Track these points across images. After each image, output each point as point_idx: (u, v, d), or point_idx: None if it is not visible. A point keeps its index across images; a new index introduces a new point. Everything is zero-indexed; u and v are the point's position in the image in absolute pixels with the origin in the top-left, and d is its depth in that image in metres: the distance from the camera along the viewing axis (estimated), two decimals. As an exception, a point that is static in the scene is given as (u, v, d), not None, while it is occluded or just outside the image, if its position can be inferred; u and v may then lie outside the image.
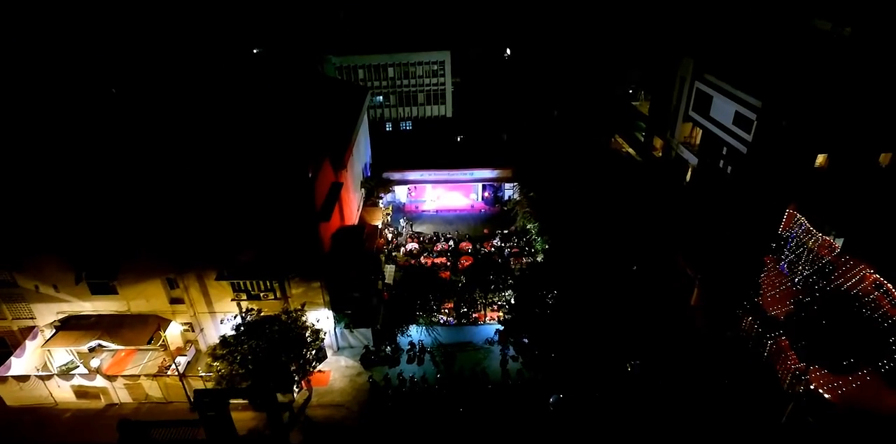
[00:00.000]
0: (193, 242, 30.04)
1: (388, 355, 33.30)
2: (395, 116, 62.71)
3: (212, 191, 28.55)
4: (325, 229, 31.63)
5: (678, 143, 43.91)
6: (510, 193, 50.70)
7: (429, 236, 45.67)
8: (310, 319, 32.35)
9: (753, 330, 31.57)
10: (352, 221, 39.75)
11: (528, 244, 42.71)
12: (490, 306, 35.46)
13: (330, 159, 33.84)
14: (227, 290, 31.97)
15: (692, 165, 42.76)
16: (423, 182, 49.60)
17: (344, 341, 34.67)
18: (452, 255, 42.87)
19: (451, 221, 48.76)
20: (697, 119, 41.23)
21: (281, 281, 31.74)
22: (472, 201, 51.31)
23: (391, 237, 45.10)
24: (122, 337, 31.33)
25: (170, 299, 32.63)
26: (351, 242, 34.62)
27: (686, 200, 42.53)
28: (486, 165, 48.77)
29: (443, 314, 35.49)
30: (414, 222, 48.35)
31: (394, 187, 50.07)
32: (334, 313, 33.25)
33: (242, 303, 32.28)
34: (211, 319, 33.46)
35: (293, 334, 30.00)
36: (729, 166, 38.31)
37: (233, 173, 28.28)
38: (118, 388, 30.61)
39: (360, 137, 43.83)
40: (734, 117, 36.86)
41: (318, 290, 32.25)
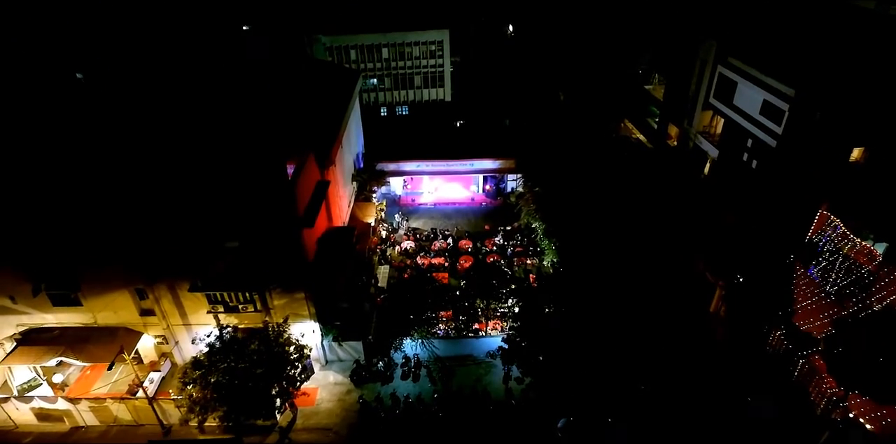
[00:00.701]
0: (162, 250, 26.96)
1: (380, 371, 30.46)
2: (390, 99, 58.98)
3: (180, 194, 25.32)
4: (310, 234, 28.52)
5: (696, 132, 40.45)
6: (513, 185, 47.39)
7: (426, 233, 42.53)
8: (294, 333, 29.53)
9: (782, 346, 28.66)
10: (341, 219, 36.58)
11: (532, 243, 39.60)
12: (493, 312, 32.41)
13: (315, 155, 30.49)
14: (202, 301, 29.02)
15: (711, 158, 39.38)
16: (420, 173, 46.27)
17: (333, 354, 31.83)
18: (451, 255, 39.81)
19: (450, 215, 45.57)
20: (719, 107, 37.70)
21: (261, 292, 28.76)
22: (473, 194, 48.04)
23: (385, 234, 41.96)
24: (87, 353, 28.48)
25: (140, 311, 29.69)
26: (340, 247, 31.49)
27: (704, 196, 39.22)
28: (487, 155, 45.40)
29: (441, 325, 32.51)
30: (410, 216, 45.15)
31: (388, 179, 46.73)
32: (321, 325, 30.33)
33: (220, 316, 29.42)
34: (186, 331, 30.59)
35: (275, 351, 27.21)
36: (754, 160, 34.96)
37: (203, 175, 25.00)
38: (83, 411, 27.87)
39: (350, 127, 40.36)
40: (762, 107, 33.35)
41: (302, 301, 29.28)
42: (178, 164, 24.96)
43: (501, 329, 32.48)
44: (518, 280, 35.43)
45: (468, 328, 31.74)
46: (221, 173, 24.84)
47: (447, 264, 38.69)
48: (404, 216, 44.40)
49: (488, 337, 31.92)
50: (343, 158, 37.88)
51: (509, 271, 37.55)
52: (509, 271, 37.02)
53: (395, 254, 40.53)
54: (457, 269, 38.40)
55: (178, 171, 24.91)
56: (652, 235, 34.55)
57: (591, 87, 59.30)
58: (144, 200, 25.35)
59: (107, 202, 25.43)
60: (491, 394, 28.96)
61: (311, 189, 29.55)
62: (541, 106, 61.27)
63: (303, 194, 27.87)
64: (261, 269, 27.86)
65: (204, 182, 24.99)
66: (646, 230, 34.64)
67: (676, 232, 35.17)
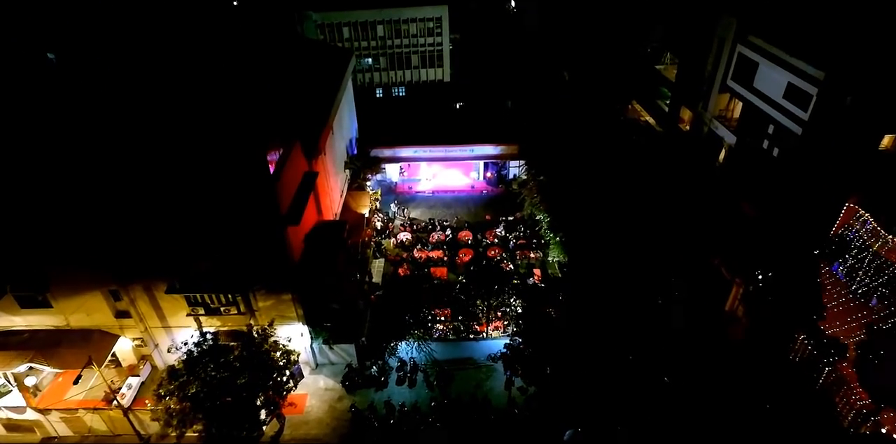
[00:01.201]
0: (134, 250, 24.74)
1: (373, 376, 28.51)
2: (385, 80, 56.08)
3: (151, 190, 22.95)
4: (296, 231, 26.26)
5: (712, 116, 37.90)
6: (515, 172, 44.98)
7: (423, 224, 40.27)
8: (282, 336, 27.53)
9: (806, 351, 26.68)
10: (333, 211, 34.27)
11: (536, 235, 37.40)
12: (494, 313, 30.31)
13: (302, 144, 28.05)
14: (181, 303, 26.93)
15: (728, 144, 36.91)
16: (418, 160, 43.81)
17: (323, 357, 29.86)
18: (450, 247, 37.62)
19: (449, 203, 43.25)
20: (737, 90, 35.10)
21: (244, 294, 26.65)
22: (473, 181, 45.64)
23: (380, 225, 39.70)
24: (59, 358, 26.53)
25: (115, 313, 27.62)
26: (330, 243, 29.25)
27: (720, 185, 36.87)
28: (488, 141, 42.88)
29: (439, 326, 30.46)
30: (407, 205, 42.82)
31: (384, 166, 44.30)
32: (310, 327, 28.29)
33: (201, 318, 27.39)
34: (166, 333, 28.55)
35: (260, 358, 25.23)
36: (775, 148, 32.52)
37: (175, 169, 22.60)
38: (55, 422, 26.00)
39: (342, 111, 37.77)
40: (786, 90, 30.79)
41: (289, 303, 27.19)
42: (148, 156, 22.51)
43: (503, 330, 30.45)
44: (521, 276, 33.40)
45: (468, 330, 29.67)
46: (194, 168, 22.44)
47: (446, 258, 36.53)
48: (400, 206, 42.11)
49: (489, 339, 29.89)
50: (334, 144, 35.42)
51: (511, 265, 35.49)
52: (513, 269, 34.96)
53: (391, 246, 38.36)
54: (456, 263, 36.28)
55: (149, 164, 22.48)
56: (663, 228, 32.32)
57: (597, 66, 56.40)
58: (112, 196, 23.00)
59: (72, 198, 23.09)
60: (492, 402, 27.09)
61: (297, 182, 27.19)
62: (544, 86, 58.44)
63: (287, 189, 25.52)
64: (243, 269, 25.71)
65: (176, 177, 22.61)
66: (657, 223, 32.40)
67: (690, 224, 32.89)
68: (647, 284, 28.43)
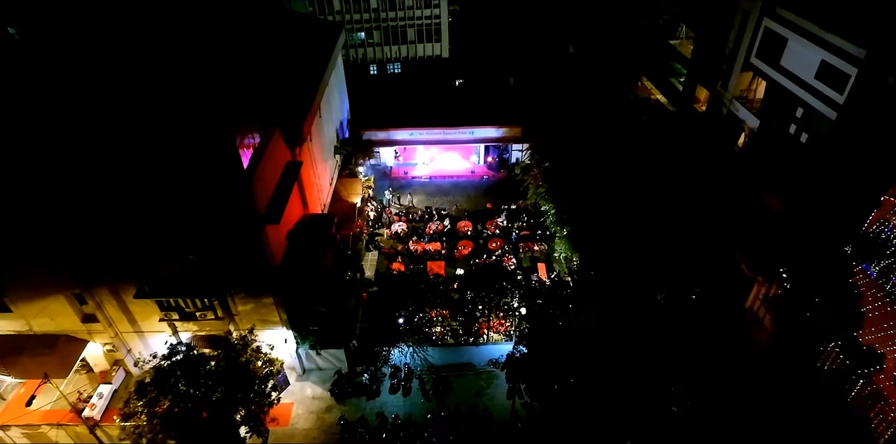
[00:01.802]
0: (97, 250, 22.25)
1: (365, 384, 26.29)
2: (380, 56, 52.68)
3: (113, 182, 20.28)
4: (277, 229, 23.69)
5: (732, 97, 34.89)
6: (518, 155, 42.17)
7: (419, 213, 37.68)
8: (265, 341, 25.27)
9: (837, 360, 24.40)
10: (321, 202, 31.65)
11: (540, 226, 34.85)
12: (495, 313, 27.89)
13: (283, 131, 25.28)
14: (153, 307, 24.57)
15: (749, 128, 34.01)
16: (413, 143, 40.95)
17: (311, 362, 27.64)
18: (448, 239, 35.10)
19: (447, 190, 40.57)
20: (762, 68, 32.03)
21: (220, 298, 24.24)
22: (473, 165, 42.85)
23: (373, 215, 37.10)
24: (20, 367, 24.51)
25: (82, 317, 25.34)
26: (316, 239, 26.74)
27: (739, 172, 34.12)
28: (489, 122, 39.98)
29: (437, 327, 28.11)
30: (402, 192, 40.14)
31: (378, 149, 41.49)
32: (295, 332, 25.98)
33: (177, 323, 25.07)
34: (139, 339, 26.31)
35: (239, 369, 23.00)
36: (803, 133, 29.68)
37: (137, 160, 19.88)
38: (17, 438, 23.88)
39: (331, 91, 34.82)
40: (819, 69, 27.79)
41: (271, 306, 24.81)
42: (105, 144, 19.74)
43: (506, 331, 28.13)
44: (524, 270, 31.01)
45: (467, 334, 27.32)
46: (156, 160, 19.73)
47: (443, 251, 34.05)
48: (395, 193, 39.42)
49: (490, 344, 27.60)
50: (322, 128, 32.59)
51: (514, 258, 33.04)
52: (515, 264, 32.52)
53: (385, 238, 35.83)
54: (454, 256, 33.82)
55: (107, 154, 19.74)
56: (678, 220, 29.66)
57: (605, 39, 52.93)
58: (67, 189, 20.35)
59: (24, 193, 20.46)
60: (493, 414, 24.95)
61: (277, 174, 24.52)
62: (548, 62, 55.03)
63: (265, 183, 22.86)
64: (218, 272, 23.25)
65: (137, 170, 19.92)
66: (671, 214, 29.74)
67: (706, 215, 30.19)
68: (663, 284, 26.03)
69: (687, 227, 29.09)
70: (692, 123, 40.35)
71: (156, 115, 19.61)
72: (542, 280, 31.65)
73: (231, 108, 20.82)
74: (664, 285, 25.95)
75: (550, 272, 32.13)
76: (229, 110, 20.62)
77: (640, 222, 28.77)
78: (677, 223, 29.10)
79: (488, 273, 26.75)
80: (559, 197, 30.95)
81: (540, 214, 34.46)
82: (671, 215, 29.42)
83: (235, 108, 21.04)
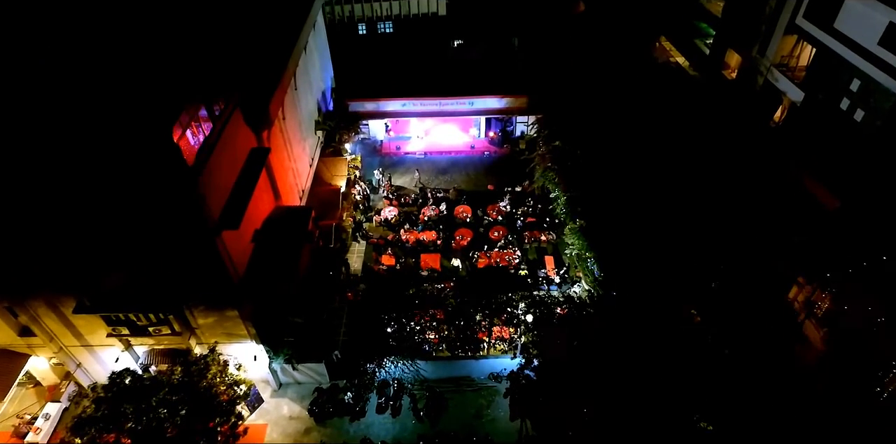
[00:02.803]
0: (24, 260, 18.54)
1: (348, 403, 23.04)
2: (369, 13, 47.32)
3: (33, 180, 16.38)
4: (239, 233, 19.81)
5: (770, 64, 30.33)
6: (524, 128, 37.86)
7: (413, 196, 33.71)
8: (232, 355, 21.97)
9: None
10: (298, 188, 27.68)
11: (549, 214, 31.00)
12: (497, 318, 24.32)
13: (244, 112, 21.07)
14: (99, 321, 21.03)
15: (790, 101, 29.62)
16: (406, 115, 36.54)
17: (287, 376, 24.35)
18: (445, 226, 31.30)
19: (444, 168, 36.45)
20: (811, 31, 27.42)
21: (176, 312, 20.66)
22: (473, 139, 38.54)
23: (360, 198, 33.14)
24: (-50, 389, 21.07)
25: (19, 331, 21.90)
26: (289, 238, 22.94)
27: (775, 151, 29.96)
28: (491, 91, 35.49)
29: (431, 333, 24.61)
30: (393, 171, 36.05)
31: (366, 122, 37.13)
32: (267, 347, 22.55)
33: (130, 339, 21.65)
34: (88, 353, 22.94)
35: (200, 393, 19.75)
36: (859, 109, 25.42)
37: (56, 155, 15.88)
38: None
39: (310, 57, 30.25)
40: (885, 34, 23.33)
41: (236, 319, 21.26)
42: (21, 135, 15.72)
43: (509, 338, 24.64)
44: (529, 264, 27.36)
45: (465, 345, 23.83)
46: (78, 155, 15.73)
47: (439, 242, 30.30)
48: (386, 172, 35.31)
49: (491, 357, 24.18)
50: (299, 102, 28.25)
51: (518, 250, 29.35)
52: (520, 257, 28.85)
53: (374, 225, 32.01)
54: (451, 247, 30.13)
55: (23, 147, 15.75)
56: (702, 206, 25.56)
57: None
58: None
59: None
60: (495, 439, 21.80)
61: (238, 166, 20.47)
62: (556, 20, 49.61)
63: (221, 179, 18.87)
64: (169, 284, 19.61)
65: (57, 165, 15.96)
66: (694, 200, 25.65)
67: (735, 201, 26.08)
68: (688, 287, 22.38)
69: (713, 217, 25.02)
70: (719, 91, 35.78)
71: (66, 100, 15.44)
72: (550, 277, 28.14)
73: (165, 84, 16.57)
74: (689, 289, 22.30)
75: (560, 268, 28.49)
76: (161, 88, 16.38)
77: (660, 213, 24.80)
78: (701, 213, 25.03)
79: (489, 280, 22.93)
80: (571, 184, 26.91)
81: (548, 200, 30.53)
82: (693, 204, 25.31)
83: (172, 84, 16.78)
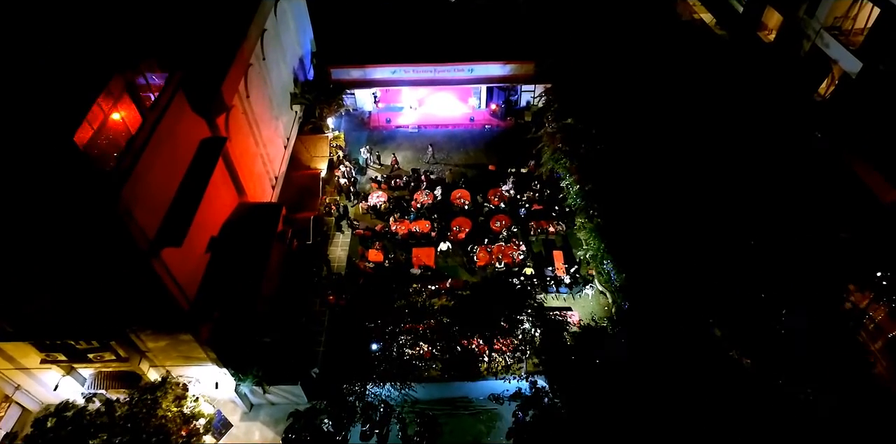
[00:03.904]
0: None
1: (329, 432, 20.10)
2: (358, -38, 42.05)
3: None
4: (196, 233, 16.27)
5: (821, 27, 25.96)
6: (530, 98, 33.66)
7: (405, 179, 29.95)
8: (191, 381, 18.95)
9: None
10: (268, 177, 23.98)
11: (557, 201, 27.39)
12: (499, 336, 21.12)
13: (189, 96, 17.11)
14: (30, 346, 17.84)
15: (842, 70, 25.42)
16: (397, 84, 32.28)
17: (259, 397, 21.36)
18: (440, 215, 27.74)
19: (441, 144, 32.41)
20: (873, -12, 23.06)
21: (117, 337, 17.44)
22: (472, 110, 34.37)
23: (345, 181, 29.39)
24: None
25: (-59, 353, 18.70)
26: (254, 245, 19.42)
27: (818, 130, 26.06)
28: (493, 56, 31.14)
29: (421, 344, 21.42)
30: (383, 148, 32.14)
31: (352, 92, 32.91)
32: (232, 371, 19.46)
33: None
34: (27, 376, 19.88)
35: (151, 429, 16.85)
36: (930, 85, 21.47)
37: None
38: None
39: (282, 18, 25.83)
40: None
41: (193, 343, 18.05)
42: None
43: (511, 353, 21.43)
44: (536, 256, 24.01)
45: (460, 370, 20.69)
46: None
47: (434, 234, 26.81)
48: (374, 150, 31.38)
49: (491, 380, 21.04)
50: (268, 74, 24.12)
51: (523, 244, 25.92)
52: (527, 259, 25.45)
53: (360, 211, 28.41)
54: (447, 237, 26.69)
55: None
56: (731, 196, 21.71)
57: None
58: None
59: None
60: (496, 475, 19.06)
61: (184, 164, 16.72)
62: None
63: (158, 185, 15.19)
64: (105, 308, 16.29)
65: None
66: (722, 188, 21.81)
67: (769, 191, 22.18)
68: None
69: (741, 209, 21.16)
70: (753, 55, 31.38)
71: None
72: (560, 277, 24.81)
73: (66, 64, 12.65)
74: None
75: (570, 265, 25.14)
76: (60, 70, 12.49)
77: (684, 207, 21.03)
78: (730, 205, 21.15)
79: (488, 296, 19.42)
80: (585, 173, 23.13)
81: (557, 184, 26.81)
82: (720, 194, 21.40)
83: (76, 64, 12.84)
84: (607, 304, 24.30)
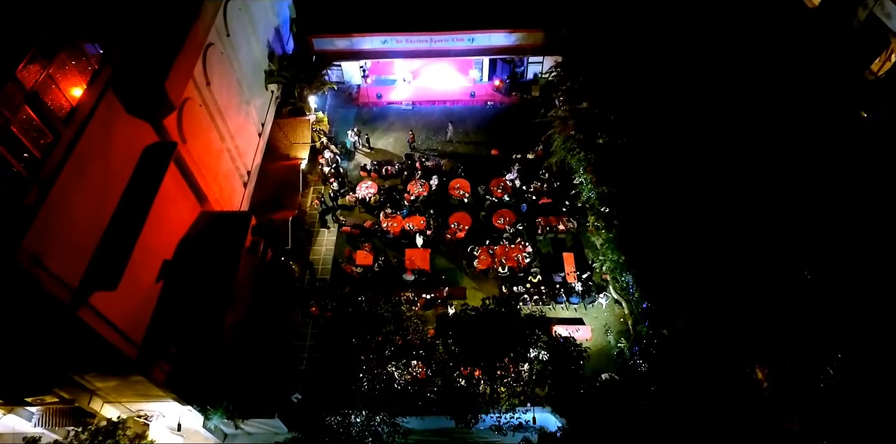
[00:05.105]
0: None
1: (310, 469, 17.96)
2: None
3: None
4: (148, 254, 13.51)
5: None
6: (537, 71, 30.02)
7: (397, 166, 26.79)
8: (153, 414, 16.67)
9: None
10: (238, 174, 20.92)
11: (568, 195, 24.36)
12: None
13: (122, 99, 13.86)
14: (-41, 386, 15.38)
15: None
16: (388, 56, 28.57)
17: (232, 428, 19.11)
18: (437, 209, 24.80)
19: (437, 125, 29.05)
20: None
21: (59, 385, 14.96)
22: (472, 83, 30.72)
23: (331, 169, 26.26)
24: None
25: None
26: (218, 265, 16.60)
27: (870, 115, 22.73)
28: (496, 24, 27.34)
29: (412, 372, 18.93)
30: (373, 129, 28.81)
31: (337, 64, 29.26)
32: (197, 407, 17.09)
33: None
34: (-32, 410, 17.51)
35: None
36: None
37: None
38: None
39: (251, -17, 22.04)
40: None
41: (145, 382, 15.58)
42: None
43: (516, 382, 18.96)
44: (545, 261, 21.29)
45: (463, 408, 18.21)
46: None
47: (429, 231, 23.94)
48: (363, 132, 28.05)
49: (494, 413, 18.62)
50: (236, 53, 20.63)
51: (530, 246, 23.13)
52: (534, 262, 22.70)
53: (347, 202, 25.40)
54: (445, 238, 23.89)
55: None
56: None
57: None
58: None
59: None
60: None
61: (119, 182, 13.66)
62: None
63: (84, 214, 12.24)
64: (40, 361, 13.70)
65: None
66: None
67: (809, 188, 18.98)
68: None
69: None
70: (793, 24, 27.52)
71: None
72: (570, 284, 22.13)
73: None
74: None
75: (582, 271, 22.43)
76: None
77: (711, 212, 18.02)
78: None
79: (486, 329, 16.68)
80: (602, 171, 20.04)
81: (569, 175, 23.70)
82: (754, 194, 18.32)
83: None
84: (623, 314, 21.78)
